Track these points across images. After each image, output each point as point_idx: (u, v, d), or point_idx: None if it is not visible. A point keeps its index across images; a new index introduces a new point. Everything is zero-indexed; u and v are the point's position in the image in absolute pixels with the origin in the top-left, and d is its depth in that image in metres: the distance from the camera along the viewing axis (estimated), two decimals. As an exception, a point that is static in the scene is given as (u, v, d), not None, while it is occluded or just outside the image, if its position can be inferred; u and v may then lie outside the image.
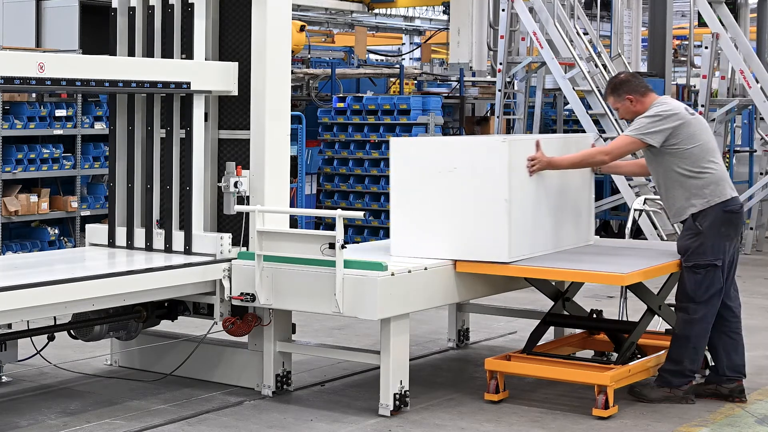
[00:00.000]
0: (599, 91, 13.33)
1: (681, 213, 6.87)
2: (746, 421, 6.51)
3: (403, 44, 35.94)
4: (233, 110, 7.10)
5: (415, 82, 18.69)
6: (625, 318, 7.51)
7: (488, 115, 17.27)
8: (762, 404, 6.87)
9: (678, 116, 6.82)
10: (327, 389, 7.18)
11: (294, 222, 12.30)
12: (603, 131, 13.09)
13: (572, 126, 16.45)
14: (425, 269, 6.65)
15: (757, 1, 23.33)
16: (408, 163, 7.02)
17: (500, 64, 14.87)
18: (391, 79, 18.25)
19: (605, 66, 14.32)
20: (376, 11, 27.96)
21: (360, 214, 6.63)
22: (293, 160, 12.83)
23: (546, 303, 7.75)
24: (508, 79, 14.82)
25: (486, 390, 6.87)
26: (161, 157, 7.10)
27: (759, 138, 15.65)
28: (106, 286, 6.21)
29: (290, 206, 9.77)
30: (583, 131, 13.54)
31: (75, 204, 11.21)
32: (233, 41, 7.08)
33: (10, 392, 6.98)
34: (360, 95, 14.57)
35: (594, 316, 7.49)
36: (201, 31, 6.95)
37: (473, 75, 18.97)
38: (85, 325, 6.72)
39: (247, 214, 6.88)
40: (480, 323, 8.95)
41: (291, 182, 9.64)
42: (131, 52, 7.12)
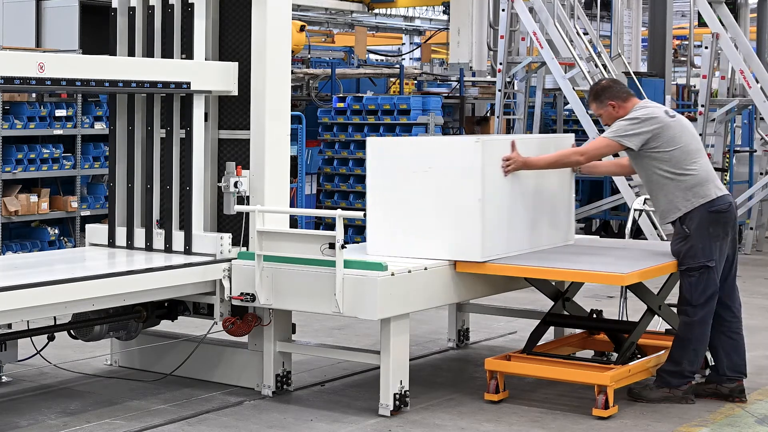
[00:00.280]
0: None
1: (666, 215, 6.91)
2: (746, 421, 6.51)
3: (403, 44, 35.95)
4: (233, 110, 7.10)
5: (415, 82, 18.70)
6: (625, 318, 7.52)
7: (488, 115, 17.28)
8: (762, 404, 6.87)
9: (657, 120, 6.85)
10: (327, 389, 7.18)
11: (294, 222, 12.30)
12: (603, 131, 13.08)
13: (572, 126, 16.45)
14: (425, 269, 6.65)
15: (757, 1, 23.34)
16: (384, 163, 7.07)
17: (500, 64, 14.88)
18: (391, 79, 18.26)
19: (605, 66, 14.32)
20: (376, 11, 27.97)
21: (360, 214, 6.63)
22: (293, 160, 12.83)
23: (546, 303, 7.75)
24: (508, 79, 14.82)
25: (486, 390, 6.87)
26: (161, 157, 7.10)
27: (759, 138, 15.64)
28: (106, 286, 6.21)
29: (290, 206, 9.77)
30: (583, 131, 13.56)
31: (75, 204, 11.21)
32: (233, 41, 7.08)
33: (10, 392, 6.98)
34: (360, 95, 14.57)
35: (594, 316, 7.49)
36: (201, 31, 6.95)
37: (473, 75, 18.98)
38: (85, 325, 6.72)
39: (247, 214, 6.88)
40: (480, 323, 8.95)
41: (291, 182, 9.64)
42: (131, 52, 7.12)
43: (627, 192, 13.06)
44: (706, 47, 13.97)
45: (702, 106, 13.94)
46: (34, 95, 10.92)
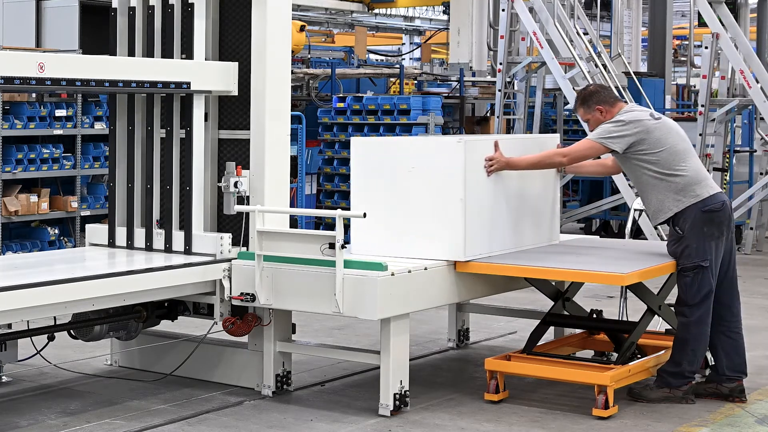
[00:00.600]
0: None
1: (657, 215, 6.93)
2: (746, 421, 6.51)
3: (403, 44, 35.97)
4: (233, 110, 7.10)
5: (415, 82, 18.70)
6: (625, 318, 7.52)
7: (488, 115, 17.29)
8: (762, 404, 6.87)
9: (641, 123, 6.87)
10: (327, 389, 7.18)
11: (294, 222, 12.30)
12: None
13: (572, 126, 16.47)
14: (425, 269, 6.65)
15: (757, 1, 23.34)
16: (368, 163, 7.09)
17: (500, 64, 14.88)
18: (391, 79, 18.26)
19: (605, 66, 14.32)
20: (376, 11, 27.98)
21: (360, 214, 6.63)
22: (293, 160, 12.83)
23: (546, 303, 7.75)
24: (508, 79, 14.82)
25: (486, 390, 6.87)
26: (161, 157, 7.09)
27: (759, 138, 15.64)
28: (106, 286, 6.21)
29: (290, 206, 9.77)
30: (583, 131, 13.56)
31: (75, 204, 11.21)
32: (233, 41, 7.08)
33: (10, 392, 6.98)
34: (360, 95, 14.57)
35: (594, 316, 7.49)
36: (201, 31, 6.95)
37: (473, 75, 18.99)
38: (85, 325, 6.72)
39: (247, 214, 6.88)
40: (480, 323, 8.95)
41: (291, 182, 9.64)
42: (131, 52, 7.12)
43: (627, 192, 13.06)
44: (706, 47, 13.97)
45: (702, 106, 13.93)
46: (34, 95, 10.92)
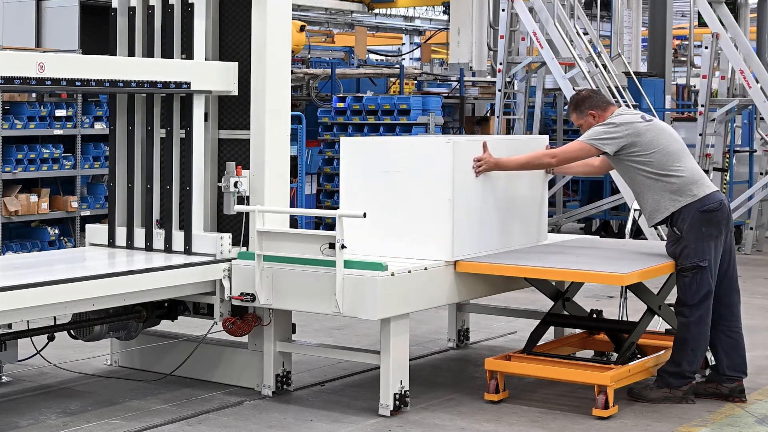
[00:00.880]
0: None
1: (654, 216, 6.93)
2: (746, 421, 6.51)
3: (403, 44, 35.97)
4: (233, 110, 7.10)
5: (415, 82, 18.71)
6: (625, 318, 7.52)
7: (488, 115, 17.29)
8: (762, 404, 6.87)
9: (632, 126, 6.88)
10: (327, 389, 7.18)
11: (294, 222, 12.30)
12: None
13: (572, 126, 16.45)
14: (425, 269, 6.65)
15: (757, 1, 23.34)
16: (358, 163, 7.11)
17: (500, 64, 14.88)
18: (391, 79, 18.27)
19: (605, 66, 14.32)
20: (376, 11, 27.98)
21: (360, 214, 6.63)
22: (293, 160, 12.83)
23: (546, 303, 7.75)
24: (508, 79, 14.83)
25: (486, 390, 6.87)
26: (161, 157, 7.09)
27: (759, 138, 15.64)
28: (106, 286, 6.21)
29: (290, 206, 9.77)
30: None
31: (75, 204, 11.22)
32: (233, 41, 7.08)
33: (10, 392, 6.98)
34: (360, 95, 14.58)
35: (594, 316, 7.49)
36: (201, 31, 6.95)
37: (473, 75, 18.99)
38: (85, 325, 6.72)
39: (247, 214, 6.88)
40: (480, 323, 8.95)
41: (291, 182, 9.64)
42: (131, 52, 7.12)
43: (627, 192, 13.02)
44: (706, 47, 13.97)
45: (702, 106, 13.94)
46: (34, 95, 10.93)
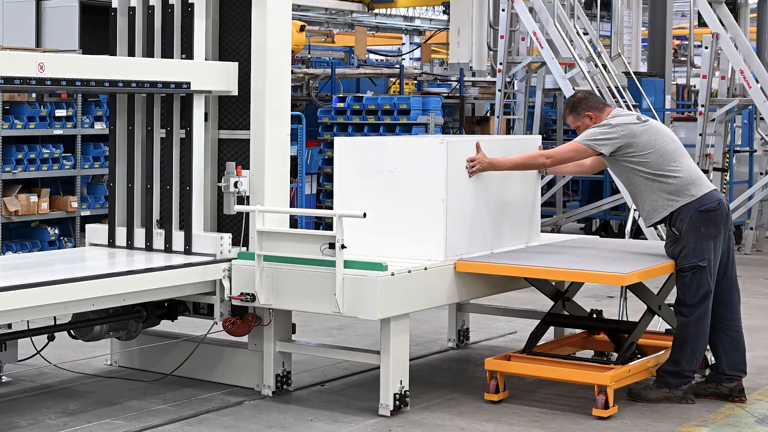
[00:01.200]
0: (599, 92, 13.34)
1: (651, 216, 6.94)
2: (746, 421, 6.51)
3: (403, 44, 35.98)
4: (233, 110, 7.10)
5: (415, 82, 18.71)
6: (625, 318, 7.52)
7: (488, 115, 17.29)
8: (762, 404, 6.87)
9: (627, 127, 6.89)
10: (327, 389, 7.18)
11: (294, 222, 12.30)
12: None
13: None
14: (425, 269, 6.65)
15: (757, 1, 23.35)
16: (351, 163, 7.11)
17: (500, 64, 14.88)
18: (391, 79, 18.27)
19: (605, 66, 14.32)
20: (376, 11, 27.99)
21: (360, 214, 6.62)
22: (293, 160, 12.83)
23: (546, 303, 7.75)
24: (508, 79, 14.83)
25: (486, 390, 6.87)
26: (161, 157, 7.10)
27: (759, 138, 15.65)
28: (106, 286, 6.21)
29: (290, 206, 9.76)
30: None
31: (75, 204, 11.21)
32: (233, 41, 7.08)
33: (10, 392, 6.98)
34: (360, 95, 14.58)
35: (594, 316, 7.49)
36: (201, 31, 6.95)
37: (473, 75, 19.00)
38: (85, 325, 6.72)
39: (247, 214, 6.88)
40: (480, 323, 8.95)
41: (291, 182, 9.64)
42: (131, 52, 7.12)
43: (627, 192, 13.03)
44: (706, 47, 13.97)
45: (702, 106, 13.93)
46: (34, 95, 10.93)
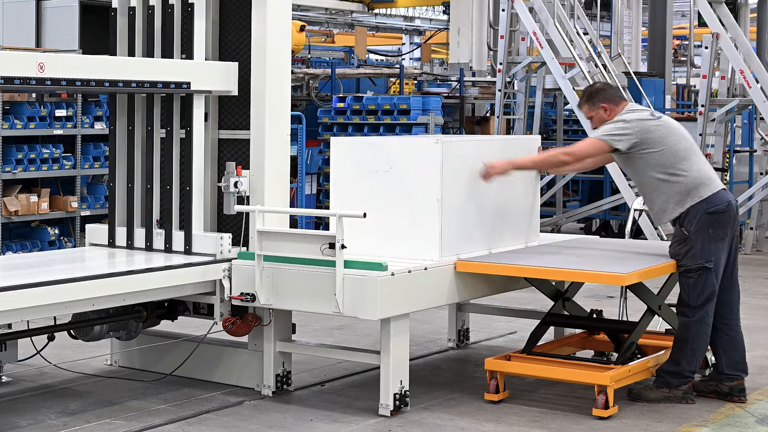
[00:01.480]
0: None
1: (661, 216, 6.93)
2: (746, 421, 6.51)
3: (403, 44, 36.01)
4: (233, 110, 7.10)
5: (415, 82, 18.71)
6: (625, 318, 7.52)
7: (488, 115, 17.30)
8: (762, 404, 6.87)
9: (642, 123, 6.88)
10: (327, 389, 7.18)
11: (294, 222, 12.30)
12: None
13: (572, 126, 16.46)
14: (425, 269, 6.65)
15: (757, 1, 23.36)
16: (347, 163, 7.11)
17: (500, 64, 14.89)
18: (391, 79, 18.27)
19: (605, 66, 14.33)
20: (376, 11, 28.02)
21: (360, 214, 6.63)
22: (293, 160, 12.83)
23: (546, 303, 7.75)
24: (508, 79, 14.83)
25: (486, 390, 6.87)
26: (161, 157, 7.10)
27: (759, 138, 15.65)
28: (106, 286, 6.21)
29: (290, 206, 9.76)
30: (583, 131, 13.56)
31: (75, 204, 11.21)
32: (233, 41, 7.08)
33: (10, 392, 6.98)
34: (360, 95, 14.58)
35: (594, 316, 7.49)
36: (201, 31, 6.95)
37: (473, 75, 19.00)
38: (85, 325, 6.72)
39: (247, 214, 6.88)
40: (480, 323, 8.95)
41: (291, 182, 9.64)
42: (131, 52, 7.12)
43: (627, 192, 13.06)
44: (706, 47, 13.97)
45: (702, 106, 13.94)
46: (34, 95, 10.93)
